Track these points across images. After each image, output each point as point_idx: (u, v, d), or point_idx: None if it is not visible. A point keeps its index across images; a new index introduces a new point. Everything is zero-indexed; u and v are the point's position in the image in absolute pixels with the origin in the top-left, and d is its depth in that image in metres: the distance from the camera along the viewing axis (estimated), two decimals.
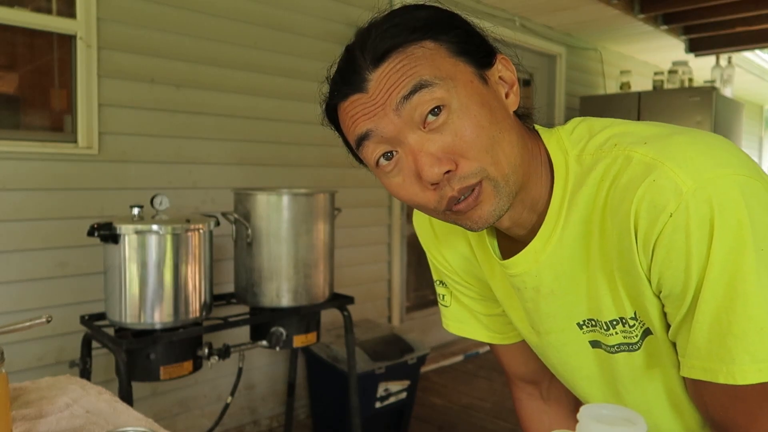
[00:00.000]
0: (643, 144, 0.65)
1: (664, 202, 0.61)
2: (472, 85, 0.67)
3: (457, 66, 0.67)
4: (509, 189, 0.69)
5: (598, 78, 5.12)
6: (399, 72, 0.65)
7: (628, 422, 0.47)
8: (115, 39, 2.37)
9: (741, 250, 0.59)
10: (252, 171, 2.84)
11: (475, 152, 0.66)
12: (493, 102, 0.69)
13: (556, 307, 0.79)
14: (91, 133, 2.33)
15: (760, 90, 7.27)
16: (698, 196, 0.59)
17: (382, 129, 0.66)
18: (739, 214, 0.59)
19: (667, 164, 0.62)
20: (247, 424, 2.90)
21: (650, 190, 0.62)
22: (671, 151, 0.63)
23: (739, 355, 0.59)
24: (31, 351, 2.22)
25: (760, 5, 3.95)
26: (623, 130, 0.70)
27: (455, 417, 3.13)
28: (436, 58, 0.66)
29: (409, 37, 0.66)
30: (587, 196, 0.70)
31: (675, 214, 0.60)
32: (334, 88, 0.70)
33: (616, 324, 0.74)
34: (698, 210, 0.60)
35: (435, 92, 0.65)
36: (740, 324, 0.59)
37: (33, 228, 2.22)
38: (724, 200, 0.59)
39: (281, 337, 2.17)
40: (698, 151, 0.62)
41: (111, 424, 0.92)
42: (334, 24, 3.12)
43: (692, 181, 0.60)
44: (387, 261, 3.56)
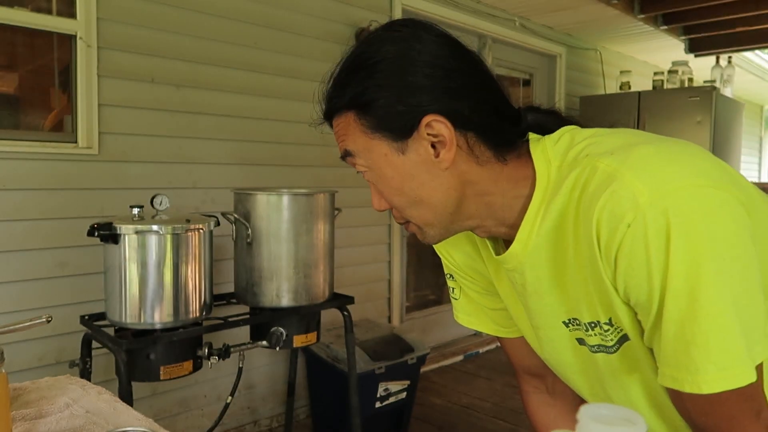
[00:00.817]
0: (609, 154, 0.67)
1: (622, 212, 0.62)
2: (386, 158, 0.76)
3: (372, 142, 0.76)
4: (435, 230, 0.80)
5: (598, 78, 5.12)
6: (338, 134, 0.79)
7: (628, 422, 0.47)
8: (115, 39, 2.37)
9: (699, 260, 0.60)
10: (252, 171, 2.84)
11: (394, 206, 0.80)
12: (410, 169, 0.76)
13: (543, 305, 0.82)
14: (91, 133, 2.33)
15: (760, 90, 7.27)
16: (655, 207, 0.61)
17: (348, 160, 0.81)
18: (697, 225, 0.60)
19: (627, 175, 0.63)
20: (247, 424, 2.90)
21: (610, 200, 0.63)
22: (633, 161, 0.65)
23: (704, 365, 0.60)
24: (31, 351, 2.22)
25: (760, 5, 3.95)
26: (597, 140, 0.72)
27: (455, 417, 3.13)
28: (356, 133, 0.76)
29: (343, 105, 0.77)
30: (560, 205, 0.72)
31: (633, 225, 0.62)
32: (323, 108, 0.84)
33: (594, 326, 0.76)
34: (655, 221, 0.61)
35: (357, 160, 0.78)
36: (703, 334, 0.60)
37: (33, 228, 2.22)
38: (680, 212, 0.60)
39: (281, 337, 2.17)
40: (660, 162, 0.64)
41: (111, 424, 0.92)
42: (335, 24, 3.12)
43: (649, 192, 0.61)
44: (387, 261, 3.56)
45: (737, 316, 0.60)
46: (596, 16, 4.24)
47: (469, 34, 4.04)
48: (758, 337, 0.61)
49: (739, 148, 4.69)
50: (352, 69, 0.77)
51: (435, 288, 4.36)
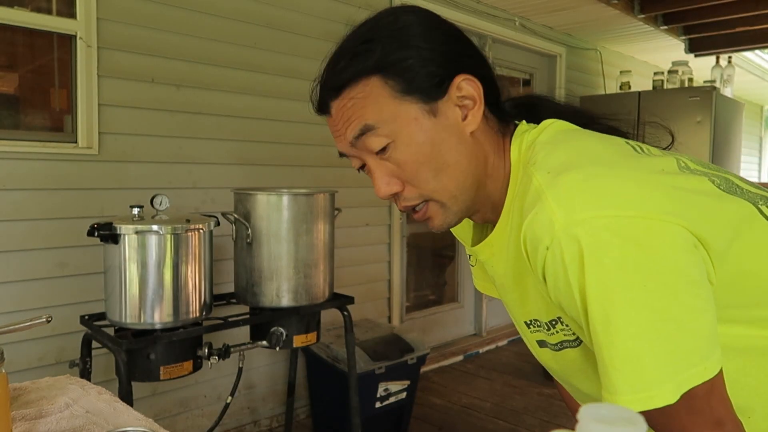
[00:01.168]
0: (546, 173, 0.68)
1: (541, 235, 0.64)
2: (415, 122, 0.73)
3: (401, 106, 0.73)
4: (458, 206, 0.77)
5: (598, 78, 5.12)
6: (349, 111, 0.74)
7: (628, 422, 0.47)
8: (115, 39, 2.37)
9: (611, 287, 0.61)
10: (252, 171, 2.84)
11: (417, 182, 0.75)
12: (439, 134, 0.74)
13: (510, 300, 0.84)
14: (91, 133, 2.33)
15: (760, 90, 7.27)
16: (568, 233, 0.62)
17: (348, 152, 0.78)
18: (607, 254, 0.61)
19: (549, 199, 0.65)
20: (247, 424, 2.90)
21: (532, 222, 0.66)
22: (558, 185, 0.65)
23: (620, 387, 0.62)
24: (31, 351, 2.22)
25: (760, 5, 3.95)
26: (548, 150, 0.72)
27: (455, 417, 3.13)
28: (380, 100, 0.72)
29: (359, 74, 0.73)
30: (518, 207, 0.73)
31: (551, 248, 0.64)
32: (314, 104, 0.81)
33: (555, 323, 0.77)
34: (569, 247, 0.62)
35: (378, 133, 0.73)
36: (618, 358, 0.62)
37: (33, 228, 2.22)
38: (591, 241, 0.61)
39: (281, 337, 2.17)
40: (584, 188, 0.64)
41: (111, 424, 0.92)
42: (334, 24, 3.12)
43: (564, 220, 0.63)
44: (387, 261, 3.56)
45: (657, 340, 0.61)
46: (596, 16, 4.24)
47: (469, 34, 4.03)
48: (695, 359, 0.61)
49: (739, 148, 4.69)
50: (369, 37, 0.74)
51: (435, 288, 4.36)
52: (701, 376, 0.62)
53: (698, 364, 0.62)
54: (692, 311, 0.62)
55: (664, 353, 0.61)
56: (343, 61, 0.74)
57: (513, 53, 4.44)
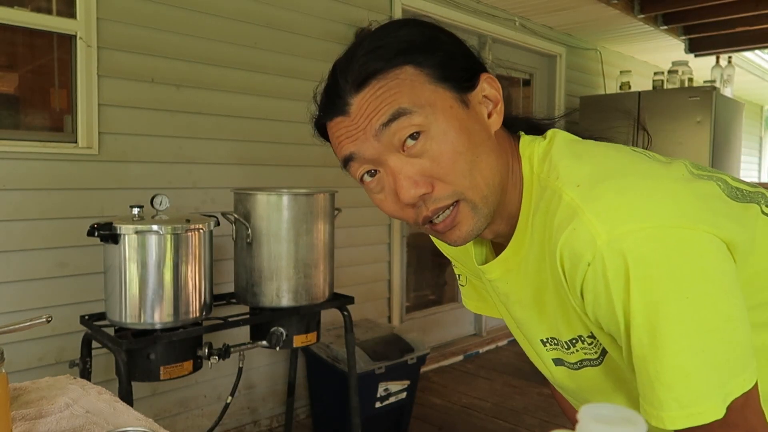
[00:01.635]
0: (576, 186, 0.66)
1: (582, 251, 0.63)
2: (451, 110, 0.69)
3: (437, 92, 0.69)
4: (488, 209, 0.72)
5: (598, 78, 5.12)
6: (379, 99, 0.67)
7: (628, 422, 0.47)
8: (115, 39, 2.37)
9: (659, 302, 0.60)
10: (252, 171, 2.84)
11: (452, 177, 0.69)
12: (473, 126, 0.70)
13: (525, 317, 0.81)
14: (91, 133, 2.33)
15: (760, 90, 7.27)
16: (612, 248, 0.61)
17: (363, 152, 0.69)
18: (654, 266, 0.60)
19: (587, 213, 0.63)
20: (247, 424, 2.90)
21: (570, 238, 0.64)
22: (595, 199, 0.64)
23: (667, 402, 0.61)
24: (31, 351, 2.22)
25: (760, 5, 3.95)
26: (569, 162, 0.70)
27: (455, 417, 3.13)
28: (415, 85, 0.68)
29: (390, 63, 0.68)
30: (540, 223, 0.72)
31: (592, 264, 0.62)
32: (321, 108, 0.74)
33: (576, 342, 0.76)
34: (613, 262, 0.61)
35: (413, 119, 0.67)
36: (666, 372, 0.61)
37: (33, 228, 2.22)
38: (638, 255, 0.60)
39: (281, 337, 2.17)
40: (622, 202, 0.63)
41: (111, 424, 0.92)
42: (335, 24, 3.12)
43: (606, 234, 0.61)
44: (387, 261, 3.56)
45: (703, 353, 0.60)
46: (596, 16, 4.24)
47: (469, 34, 4.04)
48: (736, 369, 0.61)
49: (739, 148, 4.69)
50: (392, 32, 0.71)
51: (435, 288, 4.37)
52: (741, 387, 0.61)
53: (738, 375, 0.61)
54: (732, 321, 0.61)
55: (710, 367, 0.60)
56: (365, 55, 0.69)
57: (513, 53, 4.44)
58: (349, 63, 0.69)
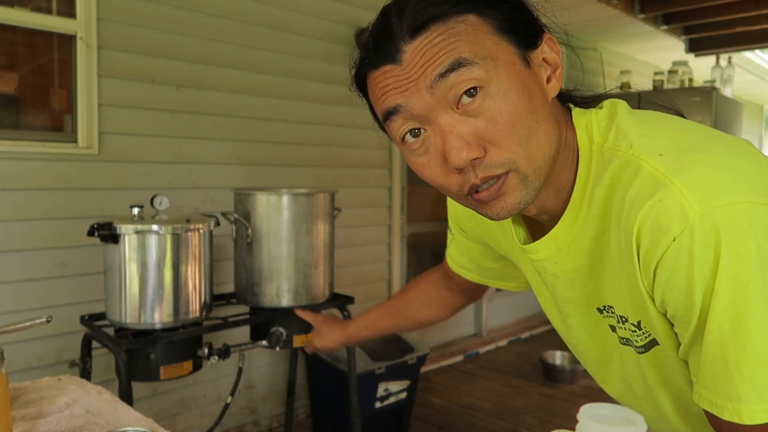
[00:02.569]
0: (658, 155, 0.61)
1: (669, 224, 0.57)
2: (514, 67, 0.63)
3: (500, 45, 0.63)
4: (538, 182, 0.66)
5: (598, 78, 5.12)
6: (437, 47, 0.61)
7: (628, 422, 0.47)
8: (115, 39, 2.37)
9: (748, 283, 0.55)
10: (252, 171, 2.84)
11: (507, 142, 0.62)
12: (533, 87, 0.65)
13: (576, 293, 0.76)
14: (91, 133, 2.33)
15: (760, 90, 7.27)
16: (705, 222, 0.56)
17: (412, 105, 0.63)
18: (748, 245, 0.55)
19: (677, 184, 0.58)
20: (247, 424, 2.90)
21: (655, 209, 0.58)
22: (684, 169, 0.59)
23: (747, 394, 0.57)
24: (31, 351, 2.22)
25: (760, 5, 3.95)
26: (645, 131, 0.65)
27: (455, 417, 3.13)
28: (478, 35, 0.62)
29: (453, 9, 0.61)
30: (603, 195, 0.67)
31: (679, 238, 0.57)
32: (365, 56, 0.66)
33: (625, 321, 0.72)
34: (704, 237, 0.56)
35: (473, 72, 0.61)
36: (748, 362, 0.56)
37: (33, 228, 2.22)
38: (732, 230, 0.55)
39: (281, 337, 2.17)
40: (713, 173, 0.58)
41: (111, 424, 0.92)
42: (335, 24, 3.12)
43: (700, 206, 0.56)
44: (387, 261, 3.56)
45: None
46: (596, 16, 4.24)
47: None
48: None
49: None
50: None
51: None
52: None
53: None
54: None
55: None
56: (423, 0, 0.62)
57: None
58: (405, 5, 0.63)
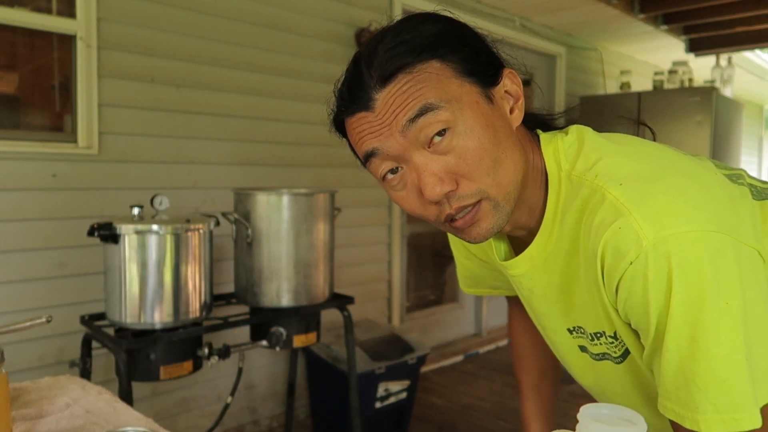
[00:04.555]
0: (619, 185, 0.66)
1: (626, 249, 0.63)
2: (477, 106, 0.68)
3: (463, 87, 0.68)
4: (509, 206, 0.72)
5: (598, 78, 5.12)
6: (405, 94, 0.66)
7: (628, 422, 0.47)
8: (115, 39, 2.37)
9: (701, 305, 0.60)
10: (252, 171, 2.84)
11: (477, 174, 0.68)
12: (497, 121, 0.70)
13: (548, 309, 0.82)
14: (91, 133, 2.33)
15: (760, 90, 7.27)
16: (657, 250, 0.61)
17: (388, 148, 0.68)
18: (699, 271, 0.60)
19: (634, 213, 0.63)
20: (247, 424, 2.90)
21: (614, 236, 0.64)
22: (641, 199, 0.64)
23: (703, 405, 0.61)
24: (31, 351, 2.22)
25: (760, 5, 3.95)
26: (609, 160, 0.70)
27: (455, 417, 3.13)
28: (442, 80, 0.67)
29: (417, 58, 0.67)
30: (573, 220, 0.72)
31: (635, 263, 0.63)
32: (341, 104, 0.72)
33: (600, 336, 0.77)
34: (656, 263, 0.61)
35: (440, 115, 0.66)
36: (703, 376, 0.61)
37: (33, 228, 2.22)
38: (683, 257, 0.61)
39: (281, 337, 2.17)
40: (668, 204, 0.63)
41: (111, 424, 0.92)
42: (335, 24, 3.12)
43: (653, 235, 0.61)
44: (387, 261, 3.56)
45: (741, 360, 0.60)
46: (596, 16, 4.24)
47: None
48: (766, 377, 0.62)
49: (739, 148, 4.69)
50: (414, 26, 0.70)
51: (435, 288, 4.37)
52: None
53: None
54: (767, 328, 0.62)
55: (747, 374, 0.60)
56: (390, 50, 0.67)
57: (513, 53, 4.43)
58: (373, 57, 0.68)
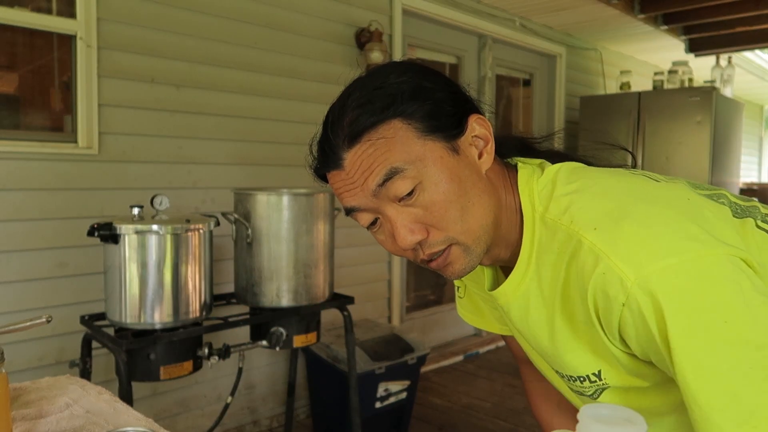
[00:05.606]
0: (593, 230, 0.68)
1: (614, 294, 0.65)
2: (441, 161, 0.72)
3: (426, 145, 0.71)
4: (480, 248, 0.75)
5: (598, 78, 5.12)
6: (371, 157, 0.70)
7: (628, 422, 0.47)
8: (115, 39, 2.37)
9: (695, 333, 0.62)
10: (252, 171, 2.84)
11: (444, 224, 0.72)
12: (463, 172, 0.73)
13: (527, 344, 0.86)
14: (91, 133, 2.33)
15: (760, 90, 7.27)
16: (642, 288, 0.63)
17: (363, 205, 0.74)
18: (686, 299, 0.62)
19: (612, 258, 0.65)
20: (247, 424, 2.90)
21: (600, 282, 0.66)
22: (615, 241, 0.66)
23: (725, 425, 0.62)
24: (31, 351, 2.22)
25: (760, 5, 3.95)
26: (579, 205, 0.72)
27: (455, 417, 3.13)
28: (405, 141, 0.70)
29: (379, 117, 0.70)
30: (550, 264, 0.74)
31: (626, 304, 0.65)
32: (317, 161, 0.77)
33: (575, 380, 0.79)
34: (646, 303, 0.63)
35: (406, 177, 0.70)
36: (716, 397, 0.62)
37: (33, 228, 2.22)
38: (667, 292, 0.62)
39: (281, 337, 2.17)
40: (641, 241, 0.65)
41: (111, 424, 0.92)
42: (335, 24, 3.12)
43: (635, 275, 0.63)
44: (387, 261, 3.56)
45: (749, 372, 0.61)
46: (596, 16, 4.24)
47: (469, 34, 4.04)
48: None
49: (739, 148, 4.69)
50: (378, 85, 0.73)
51: (435, 288, 4.37)
52: None
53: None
54: None
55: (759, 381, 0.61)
56: (356, 110, 0.71)
57: (513, 53, 4.44)
58: (341, 116, 0.72)
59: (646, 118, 4.34)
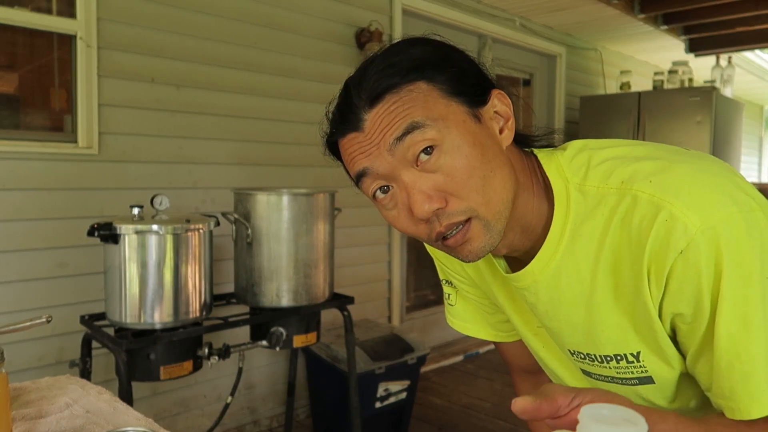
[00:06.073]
0: (648, 182, 0.67)
1: (675, 240, 0.64)
2: (464, 125, 0.69)
3: (450, 107, 0.69)
4: (500, 225, 0.71)
5: (598, 78, 5.12)
6: (393, 114, 0.67)
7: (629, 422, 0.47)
8: (115, 39, 2.37)
9: (750, 284, 0.62)
10: (252, 171, 2.84)
11: (465, 192, 0.68)
12: (485, 140, 0.70)
13: (552, 325, 0.82)
14: (91, 133, 2.33)
15: (760, 90, 7.27)
16: (706, 234, 0.62)
17: (377, 167, 0.70)
18: (747, 251, 0.62)
19: (675, 204, 0.64)
20: (247, 424, 2.90)
21: (662, 230, 0.64)
22: (675, 188, 0.65)
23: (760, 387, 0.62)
24: (31, 351, 2.22)
25: (760, 5, 3.95)
26: (627, 165, 0.71)
27: (455, 417, 3.13)
28: (428, 100, 0.68)
29: (404, 79, 0.68)
30: (593, 231, 0.72)
31: (685, 251, 0.63)
32: (332, 126, 0.73)
33: (610, 360, 0.76)
34: (707, 248, 0.63)
35: (426, 133, 0.67)
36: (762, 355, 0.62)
37: (33, 228, 2.22)
38: (730, 239, 0.62)
39: (281, 337, 2.17)
40: (702, 187, 0.65)
41: (111, 424, 0.92)
42: (335, 24, 3.12)
43: (699, 221, 0.63)
44: (387, 261, 3.56)
45: None
46: (596, 16, 4.24)
47: (469, 34, 4.03)
48: None
49: (739, 148, 4.69)
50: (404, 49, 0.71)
51: (435, 288, 4.36)
52: None
53: None
54: None
55: None
56: (379, 72, 0.69)
57: (513, 53, 4.44)
58: (362, 80, 0.70)
59: (646, 118, 4.34)
